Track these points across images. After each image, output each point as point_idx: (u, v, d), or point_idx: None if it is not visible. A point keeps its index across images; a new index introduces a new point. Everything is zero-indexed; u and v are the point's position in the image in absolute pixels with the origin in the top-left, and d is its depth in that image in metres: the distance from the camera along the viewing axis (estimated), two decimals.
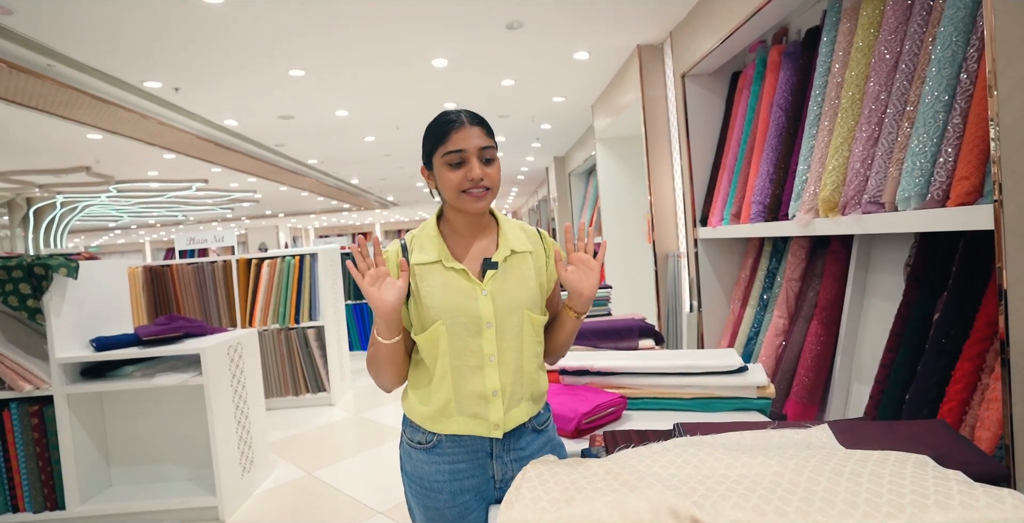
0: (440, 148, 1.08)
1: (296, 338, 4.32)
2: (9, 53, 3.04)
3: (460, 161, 1.07)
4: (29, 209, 8.97)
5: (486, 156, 1.09)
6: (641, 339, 1.87)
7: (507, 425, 1.11)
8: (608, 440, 1.12)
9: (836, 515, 0.66)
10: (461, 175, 1.07)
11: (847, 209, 1.66)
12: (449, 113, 1.10)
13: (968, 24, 1.33)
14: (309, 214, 16.51)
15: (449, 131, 1.07)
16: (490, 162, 1.09)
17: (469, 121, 1.08)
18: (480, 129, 1.09)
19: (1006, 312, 1.13)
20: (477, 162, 1.07)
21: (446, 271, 1.10)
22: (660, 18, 3.07)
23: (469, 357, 1.09)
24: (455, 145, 1.06)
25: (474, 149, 1.07)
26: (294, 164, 7.47)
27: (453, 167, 1.08)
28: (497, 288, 1.10)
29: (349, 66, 3.67)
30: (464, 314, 1.08)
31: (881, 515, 0.65)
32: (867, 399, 1.68)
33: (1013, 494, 0.64)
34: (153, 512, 2.54)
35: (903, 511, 0.65)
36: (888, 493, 0.68)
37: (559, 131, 6.34)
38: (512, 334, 1.11)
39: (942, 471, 0.72)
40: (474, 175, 1.06)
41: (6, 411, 2.43)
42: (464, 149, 1.06)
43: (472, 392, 1.09)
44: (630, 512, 0.72)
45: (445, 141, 1.07)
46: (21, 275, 2.34)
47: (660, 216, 3.52)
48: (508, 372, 1.11)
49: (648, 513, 0.71)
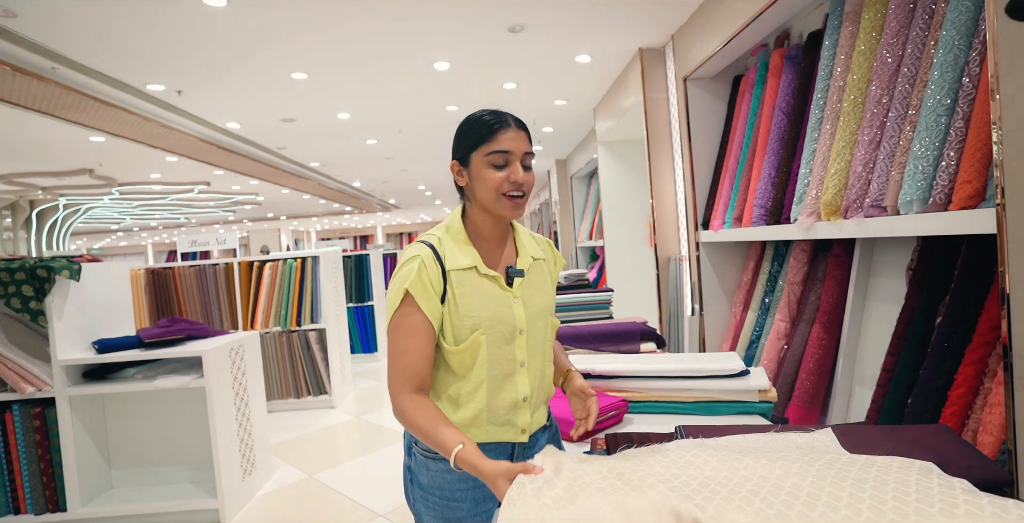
0: (485, 145, 1.05)
1: (298, 341, 4.32)
2: (13, 56, 3.06)
3: (504, 163, 1.05)
4: (32, 211, 9.00)
5: (528, 162, 1.07)
6: (643, 342, 1.87)
7: (532, 428, 1.12)
8: (610, 443, 1.12)
9: (839, 521, 0.65)
10: (503, 177, 1.05)
11: (849, 213, 1.65)
12: (496, 112, 1.08)
13: (970, 28, 1.33)
14: (311, 217, 16.54)
15: (497, 130, 1.05)
16: (529, 169, 1.08)
17: (516, 124, 1.07)
18: (526, 134, 1.08)
19: (1008, 316, 1.13)
20: (519, 166, 1.06)
21: (480, 278, 1.08)
22: (662, 21, 3.08)
23: (504, 365, 1.08)
24: (502, 145, 1.04)
25: (519, 153, 1.05)
26: (296, 167, 7.49)
27: (496, 167, 1.05)
28: (525, 295, 1.11)
29: (351, 69, 3.69)
30: (502, 322, 1.06)
31: (885, 522, 0.65)
32: (869, 403, 1.67)
33: (1019, 505, 0.64)
34: (154, 514, 2.54)
35: (907, 519, 0.65)
36: (892, 500, 0.68)
37: (561, 134, 6.35)
38: (539, 340, 1.12)
39: (947, 479, 0.72)
40: (518, 178, 1.05)
41: (8, 413, 2.43)
42: (511, 151, 1.04)
43: (506, 400, 1.08)
44: (632, 512, 0.71)
45: (492, 139, 1.04)
46: (24, 277, 2.34)
47: (662, 219, 3.52)
48: (536, 377, 1.12)
49: (651, 514, 0.71)
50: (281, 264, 4.26)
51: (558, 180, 8.24)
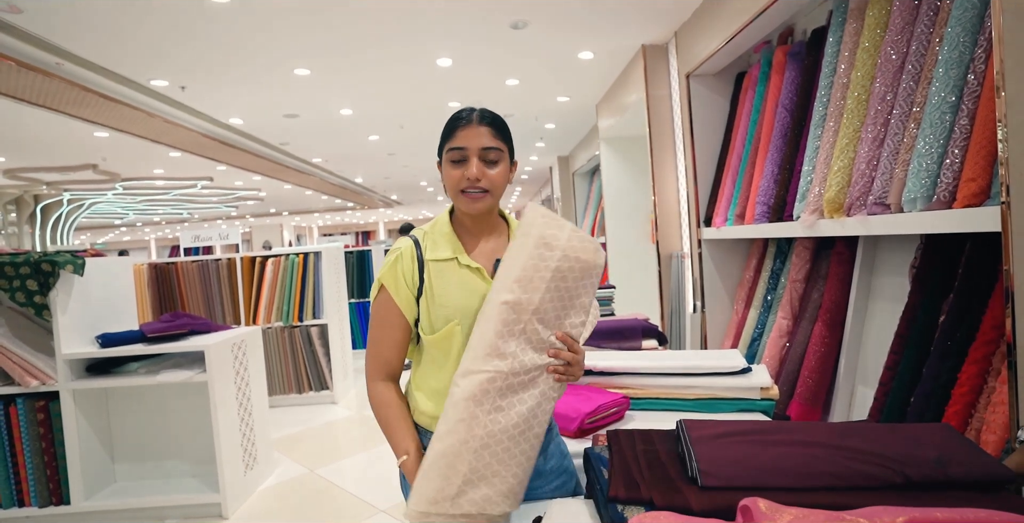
0: (446, 144, 1.08)
1: (299, 336, 4.33)
2: (18, 51, 3.06)
3: (461, 159, 1.07)
4: (36, 206, 9.03)
5: (489, 157, 1.07)
6: (644, 339, 1.87)
7: None
8: (611, 439, 1.12)
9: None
10: (460, 173, 1.07)
11: (852, 210, 1.65)
12: (462, 110, 1.09)
13: (975, 25, 1.32)
14: (313, 212, 16.56)
15: (456, 128, 1.07)
16: (494, 164, 1.07)
17: (478, 120, 1.07)
18: (489, 129, 1.07)
19: (1013, 314, 1.12)
20: (477, 161, 1.06)
21: (460, 268, 1.09)
22: (665, 18, 3.07)
23: None
24: (457, 142, 1.06)
25: (475, 148, 1.06)
26: (298, 163, 7.50)
27: (454, 164, 1.07)
28: None
29: (354, 65, 3.68)
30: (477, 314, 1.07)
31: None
32: (871, 401, 1.67)
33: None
34: (157, 508, 2.55)
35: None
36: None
37: (563, 131, 6.34)
38: None
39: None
40: (470, 174, 1.05)
41: (12, 406, 2.45)
42: (465, 147, 1.06)
43: None
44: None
45: (451, 137, 1.07)
46: (28, 272, 2.35)
47: (664, 216, 3.51)
48: None
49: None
50: (283, 260, 4.27)
51: (560, 177, 8.23)
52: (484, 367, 0.99)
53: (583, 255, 1.03)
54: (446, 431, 0.98)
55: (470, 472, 0.96)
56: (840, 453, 0.84)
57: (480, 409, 0.97)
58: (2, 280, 2.34)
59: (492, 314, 1.00)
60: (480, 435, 0.97)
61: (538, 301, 1.00)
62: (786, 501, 0.72)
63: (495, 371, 0.98)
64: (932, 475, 0.79)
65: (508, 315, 0.99)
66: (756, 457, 0.85)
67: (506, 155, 1.10)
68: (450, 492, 0.96)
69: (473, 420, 0.97)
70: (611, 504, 0.84)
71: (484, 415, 0.97)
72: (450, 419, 0.99)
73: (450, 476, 0.97)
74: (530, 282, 1.00)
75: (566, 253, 1.02)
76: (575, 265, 1.02)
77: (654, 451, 0.96)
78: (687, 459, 0.87)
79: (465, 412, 0.98)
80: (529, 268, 1.01)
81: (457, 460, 0.97)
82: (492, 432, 0.97)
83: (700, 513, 0.77)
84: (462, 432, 0.97)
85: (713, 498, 0.79)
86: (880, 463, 0.81)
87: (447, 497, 0.96)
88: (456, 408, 0.99)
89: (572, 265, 1.02)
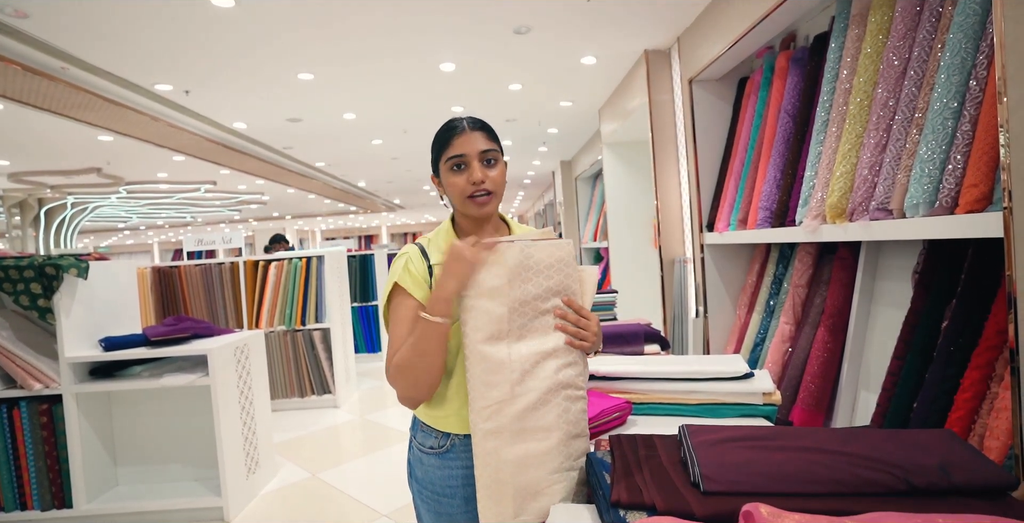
0: (444, 154, 1.13)
1: (302, 340, 4.33)
2: (23, 56, 3.08)
3: (462, 165, 1.12)
4: (40, 209, 9.06)
5: (488, 158, 1.13)
6: (647, 344, 1.87)
7: None
8: (614, 444, 1.12)
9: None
10: (464, 179, 1.11)
11: (855, 215, 1.65)
12: (452, 121, 1.15)
13: (978, 31, 1.33)
14: (316, 216, 16.59)
15: (451, 137, 1.12)
16: (492, 165, 1.13)
17: (470, 127, 1.12)
18: (482, 134, 1.13)
19: (1016, 320, 1.12)
20: (478, 165, 1.11)
21: None
22: (668, 23, 3.08)
23: None
24: (456, 150, 1.11)
25: (475, 152, 1.11)
26: (301, 167, 7.52)
27: (456, 171, 1.12)
28: None
29: (357, 70, 3.70)
30: None
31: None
32: (874, 407, 1.67)
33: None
34: (159, 512, 2.55)
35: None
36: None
37: (566, 135, 6.35)
38: None
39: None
40: (475, 177, 1.10)
41: (16, 409, 2.46)
42: (465, 153, 1.11)
43: None
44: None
45: (448, 146, 1.12)
46: (32, 275, 2.36)
47: (666, 221, 3.51)
48: None
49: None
50: (286, 264, 4.28)
51: (563, 181, 8.24)
52: (484, 403, 1.03)
53: (538, 254, 1.07)
54: (480, 465, 1.03)
55: (517, 493, 1.00)
56: (843, 459, 0.84)
57: (499, 440, 1.01)
58: (6, 283, 2.35)
59: (473, 358, 1.05)
60: (511, 460, 1.00)
61: (517, 294, 1.05)
62: (789, 507, 0.72)
63: (496, 402, 1.02)
64: (935, 481, 0.79)
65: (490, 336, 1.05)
66: (759, 462, 0.85)
67: (500, 156, 1.16)
68: (507, 514, 1.00)
69: (497, 452, 1.01)
70: (613, 509, 0.84)
71: (507, 446, 1.01)
72: (478, 455, 1.03)
73: (501, 500, 1.00)
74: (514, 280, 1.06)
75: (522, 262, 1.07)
76: (542, 258, 1.07)
77: (656, 456, 0.96)
78: (689, 464, 0.87)
79: (487, 445, 1.02)
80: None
81: (501, 488, 1.00)
82: (523, 456, 1.01)
83: (702, 518, 0.76)
84: (492, 464, 1.01)
85: (715, 503, 0.79)
86: (883, 469, 0.81)
87: (508, 517, 1.00)
88: (478, 447, 1.03)
89: (536, 259, 1.07)
